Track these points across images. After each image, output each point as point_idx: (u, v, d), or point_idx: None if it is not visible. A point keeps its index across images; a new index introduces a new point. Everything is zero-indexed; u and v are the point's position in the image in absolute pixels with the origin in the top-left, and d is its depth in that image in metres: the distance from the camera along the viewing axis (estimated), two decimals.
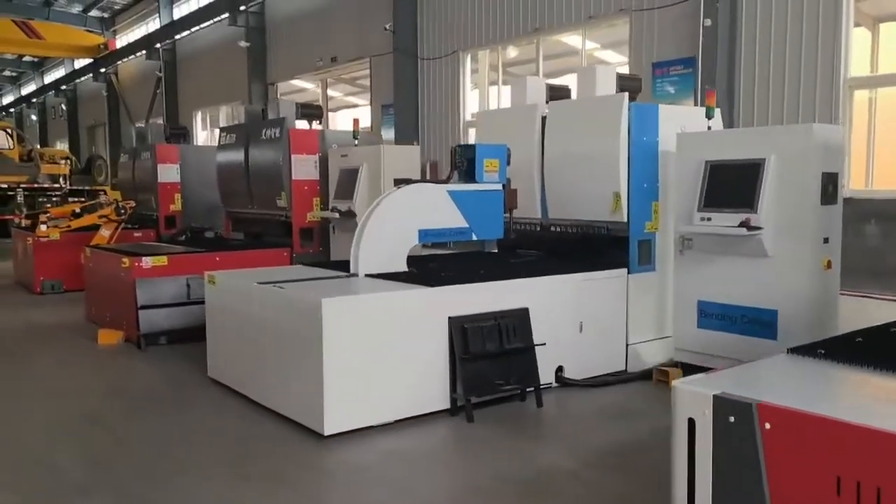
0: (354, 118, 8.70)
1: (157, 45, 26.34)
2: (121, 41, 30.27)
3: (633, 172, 6.05)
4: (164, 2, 27.06)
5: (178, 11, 26.73)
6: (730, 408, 2.41)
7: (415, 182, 5.97)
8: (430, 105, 15.87)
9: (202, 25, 23.32)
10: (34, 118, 39.83)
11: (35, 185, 21.46)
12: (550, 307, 5.62)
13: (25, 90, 42.87)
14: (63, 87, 35.92)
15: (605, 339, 6.05)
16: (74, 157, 26.62)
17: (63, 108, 36.69)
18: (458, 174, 6.16)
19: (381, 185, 7.67)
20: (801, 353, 3.03)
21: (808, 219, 5.18)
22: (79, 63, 33.48)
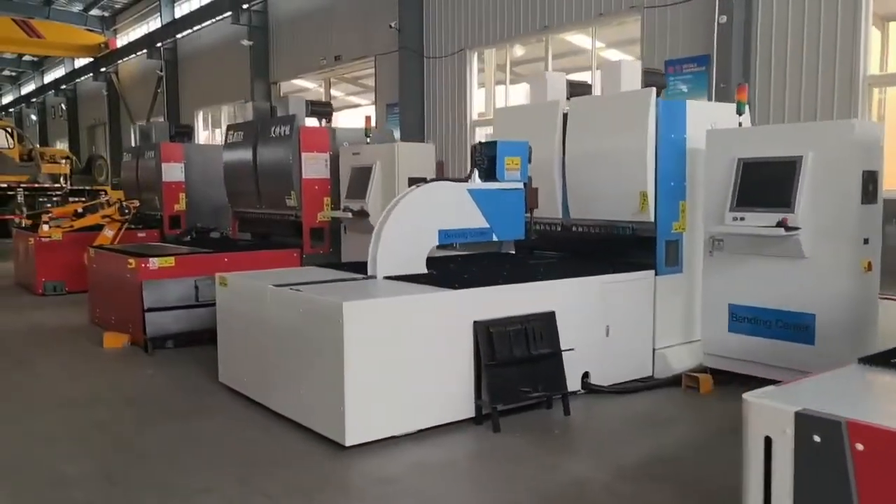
0: (366, 115, 8.47)
1: (158, 45, 26.20)
2: (121, 40, 30.12)
3: (661, 171, 5.83)
4: (166, 0, 26.86)
5: (180, 10, 26.55)
6: (815, 426, 2.17)
7: (434, 181, 5.76)
8: (436, 104, 15.63)
9: (204, 24, 23.14)
10: (34, 118, 39.61)
11: (35, 185, 21.26)
12: (577, 310, 5.39)
13: (25, 90, 42.70)
14: (63, 87, 35.77)
15: (632, 344, 5.83)
16: (75, 157, 26.39)
17: (63, 108, 36.53)
18: (479, 172, 5.95)
19: (396, 184, 7.44)
20: (874, 364, 2.80)
21: (848, 219, 4.97)
22: (79, 62, 33.34)
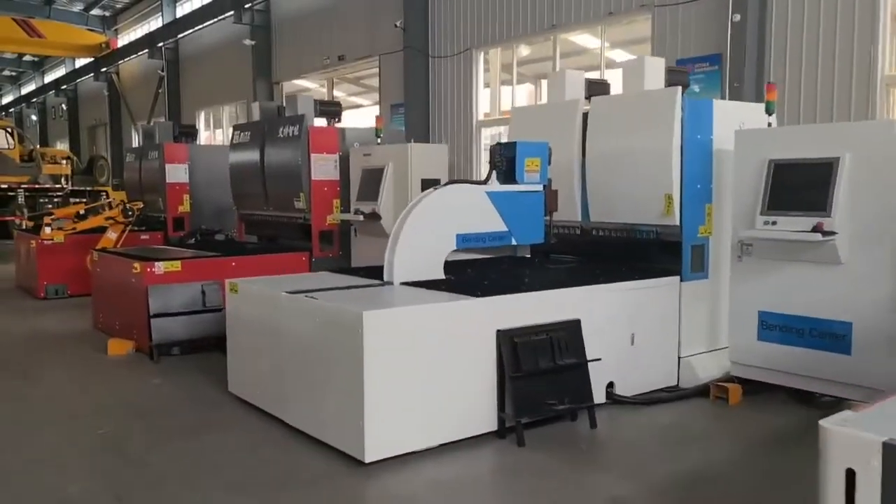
0: (377, 115, 8.26)
1: (160, 44, 25.99)
2: (122, 40, 29.92)
3: (687, 172, 5.62)
4: (167, 0, 26.65)
5: (181, 10, 26.36)
6: None
7: (456, 182, 5.56)
8: (442, 104, 15.41)
9: (206, 24, 22.92)
10: (34, 118, 39.41)
11: (36, 186, 21.05)
12: (602, 318, 5.18)
13: (25, 90, 42.54)
14: (64, 87, 35.59)
15: (657, 353, 5.62)
16: (76, 158, 26.19)
17: (63, 108, 36.34)
18: (497, 174, 5.75)
19: (409, 186, 7.22)
20: None
21: (888, 223, 4.74)
22: (79, 62, 33.17)
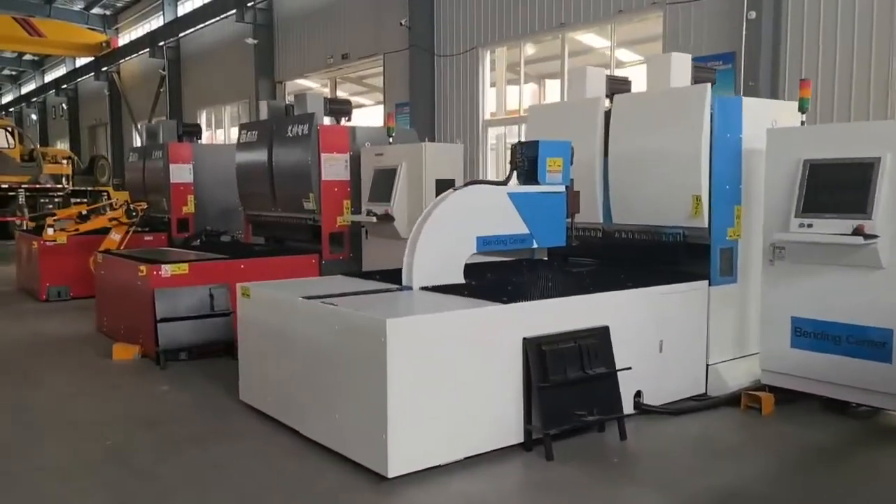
0: (389, 113, 8.05)
1: (161, 43, 25.81)
2: (123, 39, 29.77)
3: (715, 173, 5.41)
4: None
5: (183, 8, 26.17)
6: None
7: (476, 183, 5.36)
8: (447, 103, 15.19)
9: (207, 23, 22.73)
10: (34, 118, 39.21)
11: (37, 186, 20.85)
12: (630, 324, 4.97)
13: (25, 89, 42.41)
14: (64, 86, 35.46)
15: (685, 360, 5.41)
16: (77, 157, 25.99)
17: (64, 108, 36.19)
18: (518, 174, 5.55)
19: (423, 187, 7.01)
20: None
21: None
22: (80, 61, 32.98)
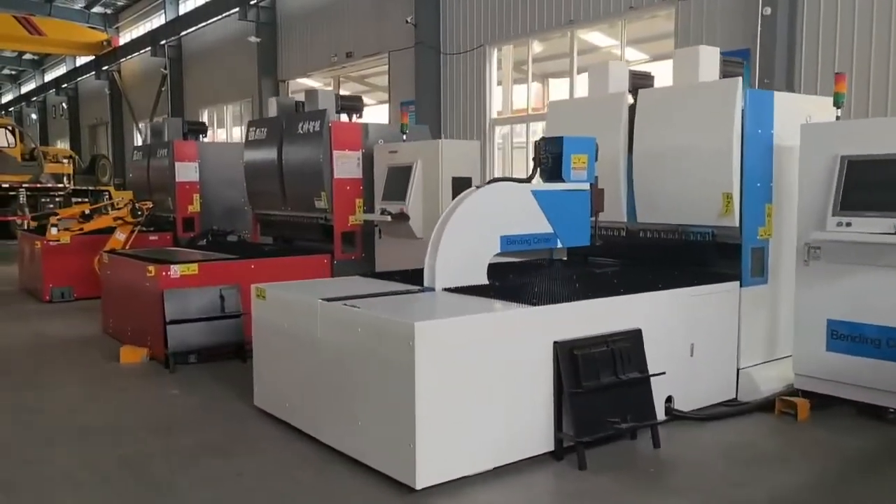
0: (403, 111, 7.86)
1: (162, 42, 25.63)
2: (124, 38, 29.60)
3: (746, 170, 5.22)
4: None
5: (184, 7, 25.99)
6: None
7: (498, 180, 5.17)
8: (453, 102, 15.00)
9: (210, 21, 22.55)
10: (34, 117, 39.06)
11: (38, 185, 20.69)
12: (661, 327, 4.78)
13: (25, 88, 42.25)
14: (64, 86, 35.33)
15: (716, 364, 5.22)
16: (77, 157, 25.83)
17: (64, 107, 36.05)
18: (542, 172, 5.37)
19: (439, 185, 6.81)
20: None
21: None
22: (80, 60, 32.81)
